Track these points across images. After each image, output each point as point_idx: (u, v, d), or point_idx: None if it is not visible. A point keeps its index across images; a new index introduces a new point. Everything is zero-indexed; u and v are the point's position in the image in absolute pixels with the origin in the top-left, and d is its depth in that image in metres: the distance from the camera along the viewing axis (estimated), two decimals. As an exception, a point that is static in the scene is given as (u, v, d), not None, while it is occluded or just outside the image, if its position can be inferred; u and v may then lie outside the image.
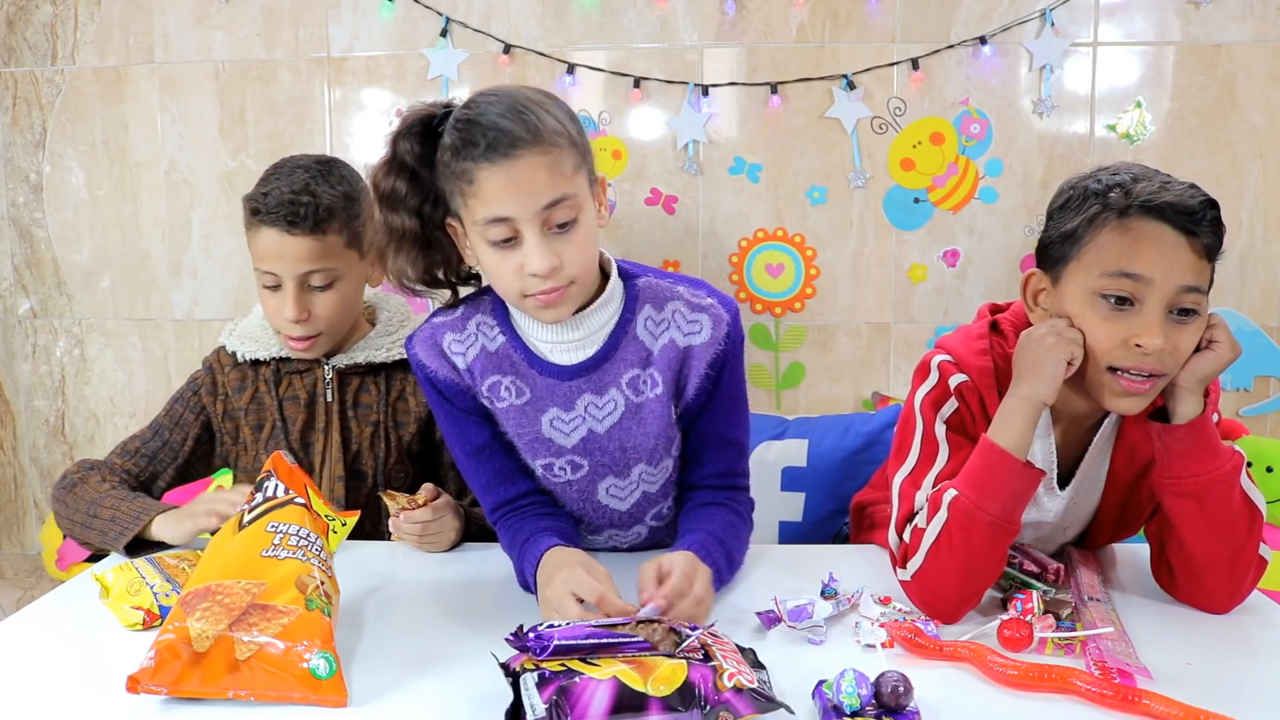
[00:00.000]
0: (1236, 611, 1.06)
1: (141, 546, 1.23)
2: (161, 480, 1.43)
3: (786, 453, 2.09)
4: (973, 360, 1.12)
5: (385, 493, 1.29)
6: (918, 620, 1.00)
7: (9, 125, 2.61)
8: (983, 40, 2.35)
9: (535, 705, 0.75)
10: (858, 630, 0.99)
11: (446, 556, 1.27)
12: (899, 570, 1.07)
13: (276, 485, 1.01)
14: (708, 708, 0.76)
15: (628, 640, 0.83)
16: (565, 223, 1.04)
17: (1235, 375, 2.42)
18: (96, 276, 2.64)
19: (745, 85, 2.42)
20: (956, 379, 1.11)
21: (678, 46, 2.43)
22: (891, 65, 2.39)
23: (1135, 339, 0.99)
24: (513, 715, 0.78)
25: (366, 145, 2.49)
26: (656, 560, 1.04)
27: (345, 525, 1.15)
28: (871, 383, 2.51)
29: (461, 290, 1.20)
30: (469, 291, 1.21)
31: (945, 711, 0.84)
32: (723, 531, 1.15)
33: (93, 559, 1.42)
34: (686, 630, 0.87)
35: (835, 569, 1.11)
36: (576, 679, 0.77)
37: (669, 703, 0.76)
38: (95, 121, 2.58)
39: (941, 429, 1.11)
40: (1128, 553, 1.25)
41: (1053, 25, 2.34)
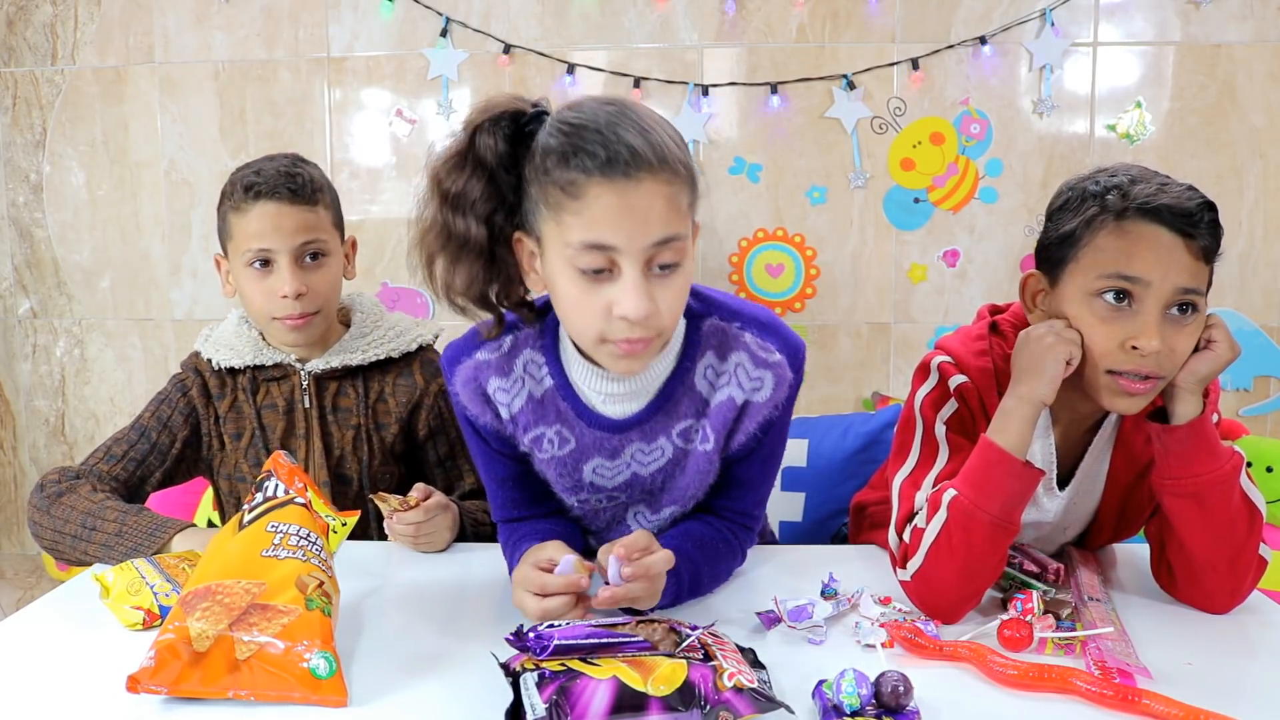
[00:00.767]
0: (1236, 611, 1.06)
1: None
2: (148, 485, 1.40)
3: (786, 453, 2.09)
4: (972, 361, 1.12)
5: (376, 495, 1.25)
6: (918, 620, 1.00)
7: (9, 125, 2.61)
8: (983, 40, 2.35)
9: (535, 705, 0.75)
10: (858, 630, 0.99)
11: (447, 557, 1.27)
12: (899, 570, 1.07)
13: (276, 485, 1.01)
14: (708, 707, 0.76)
15: (628, 640, 0.83)
16: (668, 264, 0.92)
17: (1235, 375, 2.42)
18: (96, 276, 2.64)
19: (745, 85, 2.42)
20: (956, 380, 1.11)
21: (678, 46, 2.43)
22: (891, 65, 2.39)
23: (1132, 341, 0.99)
24: (513, 715, 0.78)
25: (366, 145, 2.49)
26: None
27: (345, 525, 1.15)
28: (871, 383, 2.51)
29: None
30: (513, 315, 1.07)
31: (945, 711, 0.84)
32: (702, 555, 1.09)
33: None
34: (686, 630, 0.88)
35: (835, 569, 1.11)
36: (576, 679, 0.77)
37: (669, 702, 0.76)
38: (95, 121, 2.58)
39: (941, 429, 1.11)
40: (1128, 553, 1.25)
41: (1053, 25, 2.34)
